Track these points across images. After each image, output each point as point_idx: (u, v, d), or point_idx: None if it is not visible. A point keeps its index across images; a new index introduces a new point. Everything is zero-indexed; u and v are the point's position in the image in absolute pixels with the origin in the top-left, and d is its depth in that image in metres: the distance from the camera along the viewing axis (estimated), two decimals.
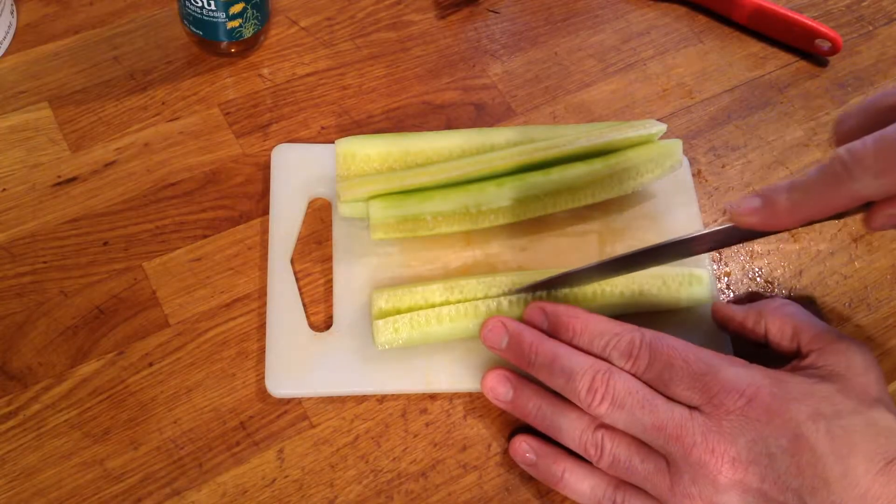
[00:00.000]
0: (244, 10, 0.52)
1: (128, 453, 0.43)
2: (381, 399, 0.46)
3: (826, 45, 0.61)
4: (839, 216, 0.39)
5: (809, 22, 0.61)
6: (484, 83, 0.58)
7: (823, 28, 0.61)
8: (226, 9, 0.52)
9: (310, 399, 0.46)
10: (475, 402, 0.47)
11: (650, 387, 0.41)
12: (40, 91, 0.54)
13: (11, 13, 0.55)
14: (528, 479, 0.45)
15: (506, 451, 0.45)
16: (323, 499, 0.43)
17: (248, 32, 0.54)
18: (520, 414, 0.45)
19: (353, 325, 0.47)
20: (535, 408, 0.44)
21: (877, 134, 0.35)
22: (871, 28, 0.65)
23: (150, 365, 0.46)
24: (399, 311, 0.46)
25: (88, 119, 0.53)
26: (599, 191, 0.51)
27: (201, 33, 0.54)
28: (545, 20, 0.62)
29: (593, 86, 0.59)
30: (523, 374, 0.45)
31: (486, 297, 0.47)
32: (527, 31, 0.61)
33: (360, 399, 0.46)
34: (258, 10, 0.54)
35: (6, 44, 0.55)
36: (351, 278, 0.48)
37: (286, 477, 0.44)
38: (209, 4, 0.51)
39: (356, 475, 0.44)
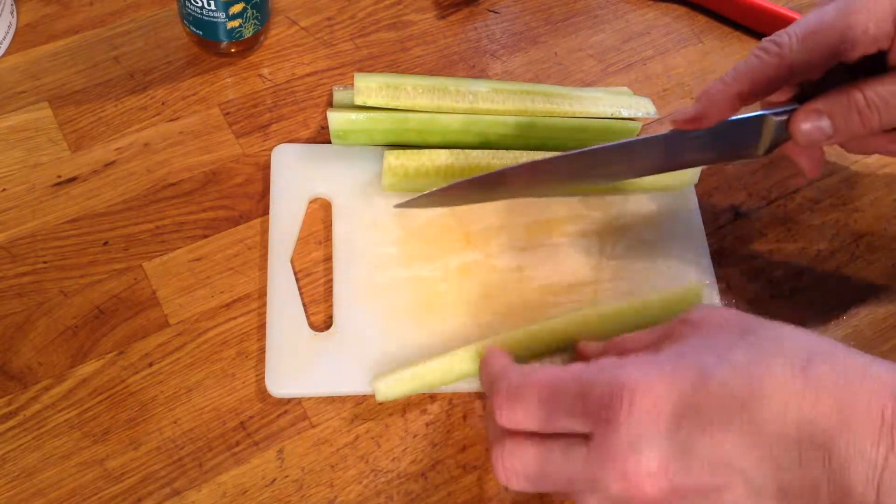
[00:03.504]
0: (244, 10, 0.52)
1: (128, 453, 0.43)
2: None
3: None
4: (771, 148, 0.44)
5: None
6: None
7: None
8: (226, 9, 0.52)
9: (310, 399, 0.46)
10: (475, 403, 0.47)
11: (540, 433, 0.38)
12: (40, 91, 0.54)
13: (11, 13, 0.55)
14: None
15: None
16: (323, 499, 0.43)
17: (248, 32, 0.54)
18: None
19: (353, 324, 0.47)
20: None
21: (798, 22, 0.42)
22: None
23: (150, 365, 0.46)
24: (407, 171, 0.50)
25: (88, 119, 0.53)
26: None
27: (201, 33, 0.54)
28: (545, 20, 0.62)
29: (593, 86, 0.59)
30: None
31: (489, 166, 0.50)
32: (527, 31, 0.61)
33: (360, 399, 0.46)
34: (258, 10, 0.54)
35: (6, 44, 0.55)
36: (351, 278, 0.48)
37: (286, 477, 0.44)
38: (209, 4, 0.51)
39: (356, 475, 0.44)
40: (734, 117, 0.43)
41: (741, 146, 0.45)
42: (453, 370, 0.45)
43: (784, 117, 0.43)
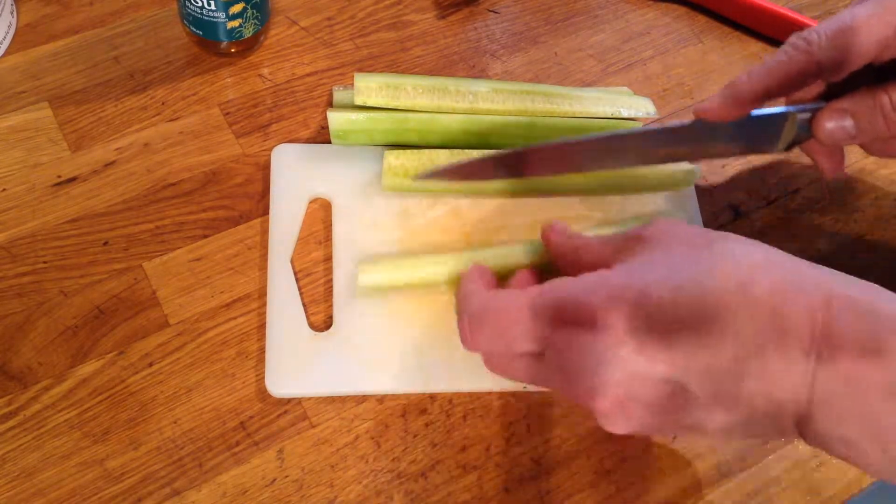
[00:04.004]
0: (244, 10, 0.52)
1: (128, 453, 0.43)
2: (381, 399, 0.46)
3: None
4: (790, 145, 0.44)
5: (809, 22, 0.61)
6: None
7: None
8: (226, 9, 0.52)
9: (310, 399, 0.46)
10: (475, 403, 0.47)
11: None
12: (40, 91, 0.54)
13: (11, 13, 0.55)
14: (527, 479, 0.45)
15: (505, 452, 0.45)
16: (323, 499, 0.43)
17: (248, 32, 0.54)
18: None
19: (353, 324, 0.47)
20: None
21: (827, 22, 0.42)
22: None
23: (150, 365, 0.46)
24: (407, 170, 0.50)
25: (88, 119, 0.53)
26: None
27: (201, 33, 0.54)
28: (545, 20, 0.62)
29: (593, 86, 0.59)
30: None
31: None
32: (527, 31, 0.61)
33: (360, 399, 0.46)
34: (258, 10, 0.54)
35: (6, 44, 0.55)
36: (351, 278, 0.48)
37: (286, 477, 0.44)
38: (209, 4, 0.51)
39: (356, 475, 0.44)
40: (758, 112, 0.43)
41: (762, 141, 0.45)
42: (437, 271, 0.47)
43: (808, 115, 0.43)
